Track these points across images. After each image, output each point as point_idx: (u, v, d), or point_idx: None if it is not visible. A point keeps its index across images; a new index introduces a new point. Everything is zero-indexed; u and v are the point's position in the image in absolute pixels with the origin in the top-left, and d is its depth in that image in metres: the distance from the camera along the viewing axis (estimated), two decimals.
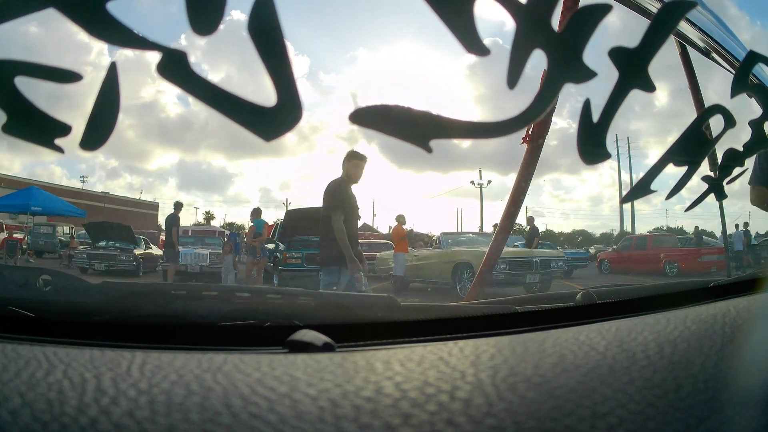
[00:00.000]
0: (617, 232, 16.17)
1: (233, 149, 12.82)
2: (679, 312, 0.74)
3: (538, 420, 0.41)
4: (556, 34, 0.52)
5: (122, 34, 0.41)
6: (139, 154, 13.84)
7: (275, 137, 0.44)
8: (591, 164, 0.60)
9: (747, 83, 0.82)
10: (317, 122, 11.20)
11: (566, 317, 0.78)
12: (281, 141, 0.44)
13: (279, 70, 0.43)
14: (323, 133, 12.08)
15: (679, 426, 0.43)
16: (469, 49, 0.49)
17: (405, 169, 13.68)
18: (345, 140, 12.51)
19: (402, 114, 0.48)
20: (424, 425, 0.39)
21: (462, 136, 0.51)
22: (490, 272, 2.54)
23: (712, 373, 0.51)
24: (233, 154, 13.39)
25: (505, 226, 2.40)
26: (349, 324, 0.75)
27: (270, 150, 10.77)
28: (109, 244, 8.81)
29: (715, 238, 10.76)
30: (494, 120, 0.51)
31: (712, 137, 0.81)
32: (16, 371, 0.44)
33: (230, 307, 0.82)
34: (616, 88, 0.59)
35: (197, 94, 0.42)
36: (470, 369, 0.49)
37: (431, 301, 4.76)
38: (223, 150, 11.58)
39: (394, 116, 0.47)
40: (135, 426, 0.37)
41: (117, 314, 0.74)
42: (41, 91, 0.42)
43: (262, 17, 0.42)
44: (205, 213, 17.78)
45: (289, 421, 0.38)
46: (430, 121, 0.48)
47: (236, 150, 12.27)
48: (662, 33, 0.58)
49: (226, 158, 13.93)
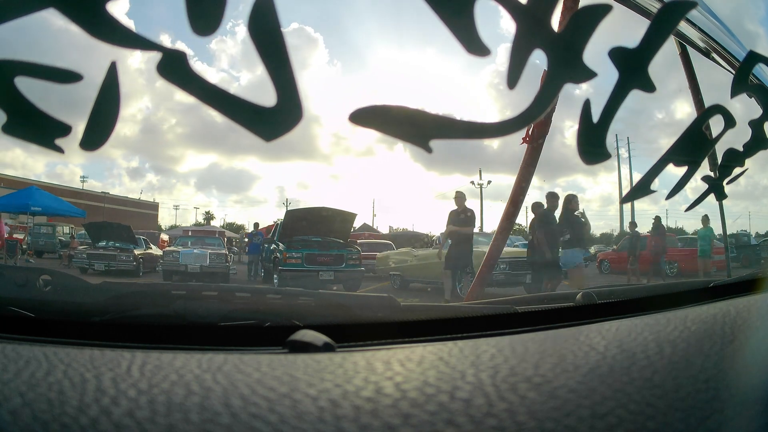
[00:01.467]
0: (617, 233, 16.15)
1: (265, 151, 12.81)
2: (679, 312, 0.74)
3: (539, 420, 0.41)
4: (556, 34, 0.52)
5: (122, 34, 0.41)
6: (162, 155, 13.76)
7: (275, 137, 0.44)
8: (591, 164, 0.60)
9: (747, 83, 0.82)
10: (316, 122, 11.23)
11: (566, 317, 0.78)
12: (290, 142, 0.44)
13: (279, 70, 0.43)
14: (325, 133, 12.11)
15: (679, 426, 0.43)
16: (469, 49, 0.49)
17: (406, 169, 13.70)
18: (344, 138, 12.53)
19: (402, 114, 0.48)
20: (424, 425, 0.39)
21: (462, 136, 0.51)
22: (490, 272, 2.54)
23: (712, 373, 0.51)
24: (263, 156, 13.32)
25: (505, 226, 2.40)
26: (349, 324, 0.75)
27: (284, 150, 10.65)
28: (109, 244, 8.81)
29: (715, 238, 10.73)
30: (494, 120, 0.51)
31: (712, 137, 0.81)
32: (16, 371, 0.44)
33: (230, 307, 0.82)
34: (616, 88, 0.59)
35: (197, 94, 0.42)
36: (470, 369, 0.49)
37: (431, 301, 4.75)
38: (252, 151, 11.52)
39: (394, 116, 0.47)
40: (135, 426, 0.37)
41: (117, 314, 0.74)
42: (41, 91, 0.42)
43: (262, 17, 0.42)
44: (205, 213, 17.76)
45: (289, 421, 0.38)
46: (430, 121, 0.48)
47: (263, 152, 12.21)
48: (662, 33, 0.58)
49: (258, 159, 13.83)
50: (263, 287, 2.36)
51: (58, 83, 0.43)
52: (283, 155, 11.44)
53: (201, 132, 12.11)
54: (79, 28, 0.40)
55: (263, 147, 1.17)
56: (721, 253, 7.84)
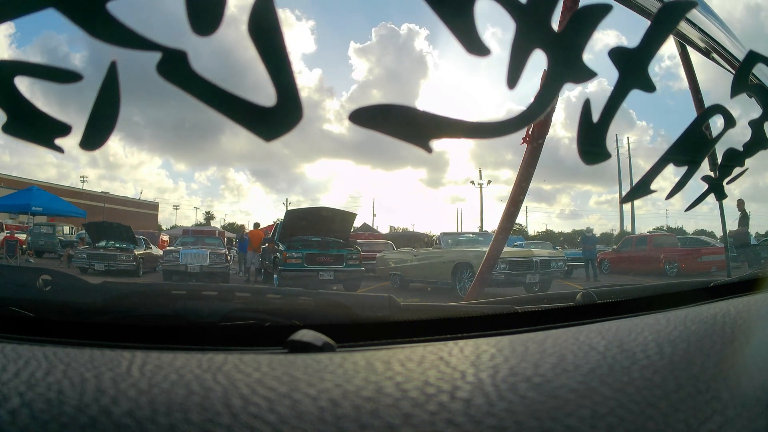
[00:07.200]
0: (617, 232, 16.13)
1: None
2: (679, 312, 0.74)
3: (539, 420, 0.41)
4: (556, 34, 0.52)
5: (122, 34, 0.41)
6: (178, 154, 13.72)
7: (275, 137, 0.44)
8: (591, 164, 0.60)
9: (747, 83, 0.82)
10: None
11: (566, 317, 0.78)
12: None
13: (279, 70, 0.43)
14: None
15: (679, 426, 0.43)
16: (469, 49, 0.49)
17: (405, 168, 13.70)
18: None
19: (402, 114, 0.48)
20: (425, 425, 0.39)
21: (462, 136, 0.51)
22: (490, 272, 2.54)
23: (713, 373, 0.51)
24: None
25: (505, 226, 2.40)
26: (350, 324, 0.75)
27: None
28: (109, 244, 8.81)
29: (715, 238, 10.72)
30: (494, 120, 0.51)
31: (712, 137, 0.81)
32: (16, 371, 0.44)
33: (230, 307, 0.82)
34: (616, 88, 0.59)
35: (197, 94, 0.42)
36: (470, 369, 0.49)
37: (431, 301, 4.75)
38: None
39: (394, 116, 0.47)
40: (135, 426, 0.37)
41: (117, 314, 0.74)
42: (41, 91, 0.42)
43: (262, 17, 0.42)
44: (206, 213, 17.78)
45: (289, 421, 0.38)
46: (430, 121, 0.48)
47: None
48: (662, 33, 0.58)
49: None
50: (263, 287, 2.36)
51: (58, 83, 0.43)
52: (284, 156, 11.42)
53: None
54: (79, 28, 0.40)
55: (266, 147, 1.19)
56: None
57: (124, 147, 13.15)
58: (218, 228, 14.87)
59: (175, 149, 12.48)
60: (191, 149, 12.04)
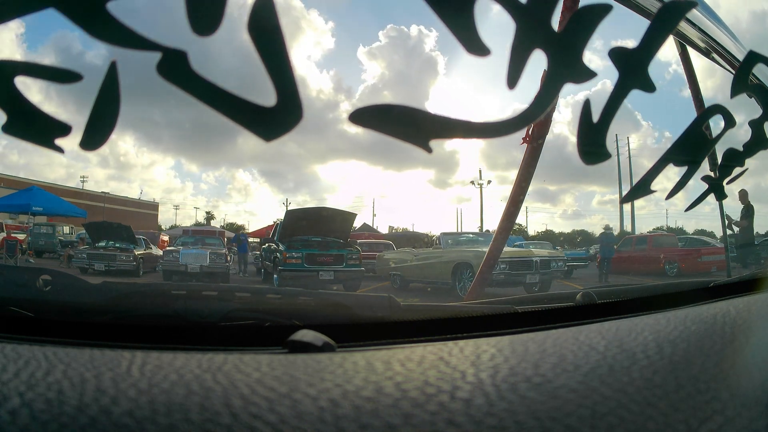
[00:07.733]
0: (617, 232, 16.12)
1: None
2: (679, 312, 0.74)
3: (539, 420, 0.41)
4: (556, 34, 0.52)
5: (122, 34, 0.41)
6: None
7: (275, 137, 0.44)
8: (591, 164, 0.60)
9: (747, 83, 0.82)
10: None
11: (566, 317, 0.78)
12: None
13: (279, 70, 0.43)
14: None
15: (680, 427, 0.43)
16: (469, 49, 0.49)
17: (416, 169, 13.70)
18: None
19: (402, 114, 0.48)
20: (425, 425, 0.39)
21: (462, 136, 0.51)
22: (490, 272, 2.54)
23: (713, 373, 0.51)
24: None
25: (505, 226, 2.39)
26: (349, 324, 0.75)
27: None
28: (109, 244, 8.82)
29: (715, 238, 10.72)
30: (494, 120, 0.51)
31: (712, 137, 0.81)
32: (16, 371, 0.44)
33: (230, 307, 0.82)
34: (616, 88, 0.59)
35: (197, 94, 0.42)
36: (470, 369, 0.49)
37: (431, 301, 4.75)
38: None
39: (394, 116, 0.47)
40: (135, 425, 0.37)
41: (117, 314, 0.74)
42: (41, 91, 0.42)
43: (262, 17, 0.42)
44: (206, 213, 17.79)
45: (289, 421, 0.38)
46: (429, 121, 0.48)
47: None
48: (662, 33, 0.58)
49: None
50: (263, 287, 2.36)
51: (58, 83, 0.43)
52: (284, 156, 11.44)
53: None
54: (79, 28, 0.40)
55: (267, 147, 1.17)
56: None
57: (135, 147, 13.20)
58: (218, 228, 14.88)
59: (188, 150, 12.50)
60: (205, 150, 12.05)
